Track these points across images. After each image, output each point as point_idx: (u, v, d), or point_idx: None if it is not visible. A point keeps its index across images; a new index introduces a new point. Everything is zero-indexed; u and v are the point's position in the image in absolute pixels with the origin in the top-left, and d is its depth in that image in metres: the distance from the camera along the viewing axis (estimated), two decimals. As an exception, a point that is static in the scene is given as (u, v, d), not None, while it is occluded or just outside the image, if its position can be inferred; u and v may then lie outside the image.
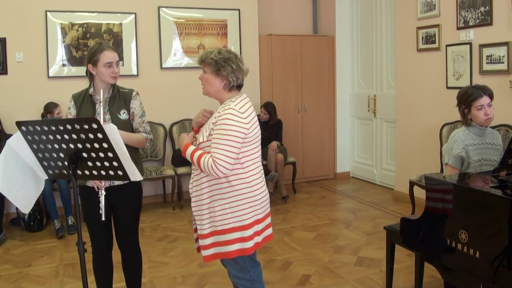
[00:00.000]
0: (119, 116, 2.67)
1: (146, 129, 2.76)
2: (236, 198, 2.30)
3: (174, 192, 5.58)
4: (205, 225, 2.36)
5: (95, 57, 2.60)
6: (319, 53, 6.68)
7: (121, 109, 2.68)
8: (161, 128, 5.75)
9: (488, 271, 2.12)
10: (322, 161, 6.85)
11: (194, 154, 2.28)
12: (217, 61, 2.30)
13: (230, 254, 2.34)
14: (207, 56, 2.33)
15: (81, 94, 2.72)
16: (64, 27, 5.32)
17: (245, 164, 2.31)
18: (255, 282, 2.44)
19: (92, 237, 2.75)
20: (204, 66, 2.35)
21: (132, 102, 2.73)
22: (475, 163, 2.80)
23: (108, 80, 2.64)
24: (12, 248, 4.36)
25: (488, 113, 2.81)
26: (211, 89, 2.37)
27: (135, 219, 2.81)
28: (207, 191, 2.34)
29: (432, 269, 3.04)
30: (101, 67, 2.60)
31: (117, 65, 2.65)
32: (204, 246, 2.37)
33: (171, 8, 5.78)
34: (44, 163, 2.17)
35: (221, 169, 2.20)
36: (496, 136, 2.96)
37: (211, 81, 2.34)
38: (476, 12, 4.46)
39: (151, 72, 5.75)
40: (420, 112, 5.27)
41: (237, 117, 2.24)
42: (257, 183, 2.36)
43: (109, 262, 2.84)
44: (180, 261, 3.95)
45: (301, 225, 4.82)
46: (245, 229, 2.31)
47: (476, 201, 2.22)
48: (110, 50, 2.63)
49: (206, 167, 2.22)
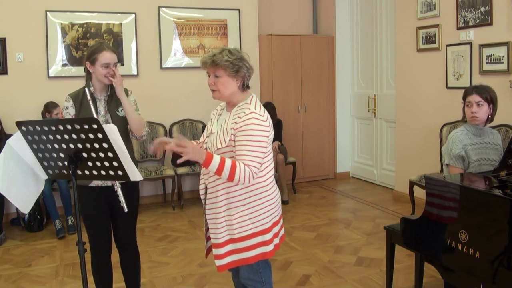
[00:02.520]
0: (117, 113, 2.70)
1: None
2: (256, 203, 2.24)
3: (174, 192, 5.57)
4: (221, 234, 2.25)
5: (94, 56, 2.62)
6: (319, 53, 6.68)
7: (119, 106, 2.71)
8: (161, 128, 5.75)
9: (488, 271, 2.12)
10: (322, 161, 6.85)
11: (225, 163, 2.09)
12: (234, 62, 2.20)
13: (250, 259, 2.27)
14: (221, 59, 2.19)
15: (78, 93, 2.71)
16: (64, 27, 5.32)
17: (262, 166, 2.24)
18: (266, 283, 2.39)
19: (92, 238, 2.74)
20: (217, 69, 2.21)
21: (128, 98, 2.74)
22: (474, 162, 2.81)
23: (103, 80, 2.65)
24: (12, 248, 4.36)
25: (474, 111, 2.83)
26: (226, 92, 2.24)
27: (132, 218, 2.81)
28: (224, 199, 2.23)
29: (432, 269, 3.04)
30: (99, 67, 2.61)
31: (114, 67, 2.65)
32: (219, 256, 2.27)
33: (171, 8, 5.78)
34: (44, 163, 2.16)
35: (255, 176, 2.15)
36: (495, 135, 2.96)
37: (228, 84, 2.22)
38: (476, 12, 4.46)
39: (151, 72, 5.75)
40: (420, 112, 5.27)
41: (260, 121, 2.17)
42: (273, 185, 2.32)
43: (108, 263, 2.83)
44: (180, 261, 3.95)
45: (301, 225, 4.82)
46: (265, 233, 2.26)
47: (476, 201, 2.22)
48: (109, 51, 2.63)
49: (243, 176, 2.10)
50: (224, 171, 2.08)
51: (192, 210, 5.45)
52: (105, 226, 2.74)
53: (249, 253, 2.26)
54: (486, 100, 2.84)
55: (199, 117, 5.85)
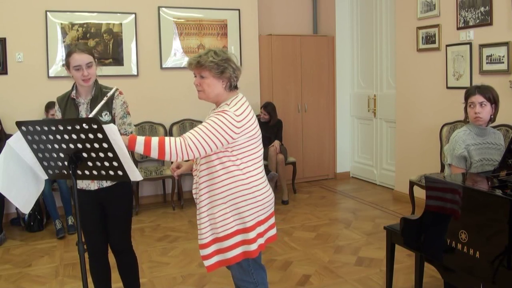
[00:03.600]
0: (101, 118, 2.57)
1: (127, 131, 2.64)
2: (236, 201, 2.25)
3: (174, 192, 5.58)
4: (206, 234, 2.28)
5: (67, 60, 2.57)
6: (319, 53, 6.68)
7: (103, 111, 2.58)
8: (161, 128, 5.75)
9: (488, 271, 2.12)
10: (322, 161, 6.85)
11: (151, 140, 2.08)
12: (219, 63, 2.22)
13: (233, 259, 2.29)
14: (206, 60, 2.21)
15: (64, 97, 2.68)
16: (64, 27, 5.32)
17: (241, 166, 2.25)
18: (259, 284, 2.40)
19: (87, 239, 2.73)
20: (202, 70, 2.24)
21: (114, 102, 2.63)
22: (477, 163, 2.81)
23: (80, 83, 2.58)
24: (12, 248, 4.36)
25: (477, 112, 2.82)
26: (212, 93, 2.26)
27: (126, 221, 2.78)
28: (206, 197, 2.28)
29: (432, 269, 3.04)
30: (73, 71, 2.56)
31: (88, 67, 2.55)
32: (205, 256, 2.30)
33: (171, 8, 5.78)
34: (44, 163, 2.16)
35: (188, 149, 2.10)
36: (498, 136, 2.96)
37: (213, 85, 2.25)
38: (476, 12, 4.46)
39: (151, 72, 5.75)
40: (420, 112, 5.27)
41: (230, 117, 2.17)
42: (257, 184, 2.30)
43: (105, 264, 2.83)
44: (180, 261, 3.95)
45: (301, 225, 4.82)
46: (247, 231, 2.27)
47: (476, 201, 2.22)
48: (78, 53, 2.54)
49: (174, 147, 2.08)
50: (152, 147, 2.07)
51: (192, 210, 5.45)
52: (99, 228, 2.72)
53: (233, 252, 2.28)
54: (489, 100, 2.84)
55: (199, 117, 5.85)
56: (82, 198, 2.65)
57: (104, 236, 2.76)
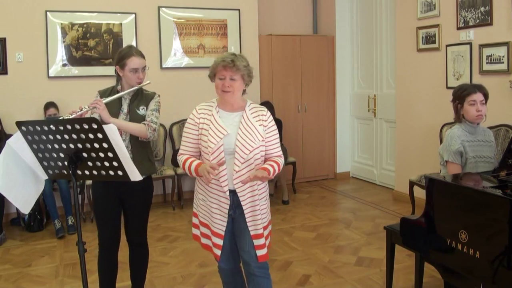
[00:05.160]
0: (137, 111, 2.77)
1: (152, 119, 2.78)
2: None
3: (174, 192, 5.57)
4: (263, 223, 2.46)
5: (123, 61, 2.72)
6: (319, 53, 6.68)
7: (141, 105, 2.79)
8: (161, 128, 5.75)
9: (488, 271, 2.12)
10: (322, 161, 6.85)
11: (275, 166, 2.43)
12: (250, 70, 2.36)
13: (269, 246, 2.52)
14: (240, 63, 2.31)
15: (107, 91, 2.82)
16: (64, 27, 5.32)
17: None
18: None
19: (100, 232, 2.80)
20: (235, 73, 2.31)
21: (152, 100, 2.84)
22: (471, 159, 2.83)
23: (133, 84, 2.76)
24: (12, 248, 4.36)
25: (480, 110, 2.84)
26: (238, 96, 2.41)
27: (143, 214, 2.88)
28: (262, 187, 2.49)
29: (432, 269, 3.04)
30: (127, 72, 2.72)
31: (142, 71, 2.76)
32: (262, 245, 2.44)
33: (171, 8, 5.78)
34: (44, 163, 2.17)
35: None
36: (488, 133, 2.99)
37: (240, 88, 2.37)
38: (476, 12, 4.46)
39: (151, 72, 5.70)
40: (420, 112, 5.27)
41: None
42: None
43: (113, 260, 2.87)
44: (180, 261, 3.95)
45: (301, 225, 4.82)
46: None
47: (476, 201, 2.22)
48: (138, 56, 2.75)
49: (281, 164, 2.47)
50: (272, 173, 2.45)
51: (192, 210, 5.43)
52: (114, 223, 2.79)
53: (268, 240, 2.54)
54: (487, 98, 2.87)
55: (199, 117, 5.84)
56: (101, 190, 2.73)
57: (116, 231, 2.81)
